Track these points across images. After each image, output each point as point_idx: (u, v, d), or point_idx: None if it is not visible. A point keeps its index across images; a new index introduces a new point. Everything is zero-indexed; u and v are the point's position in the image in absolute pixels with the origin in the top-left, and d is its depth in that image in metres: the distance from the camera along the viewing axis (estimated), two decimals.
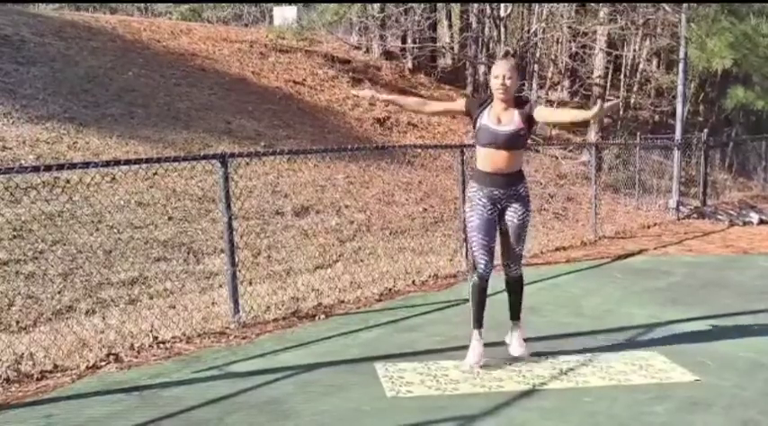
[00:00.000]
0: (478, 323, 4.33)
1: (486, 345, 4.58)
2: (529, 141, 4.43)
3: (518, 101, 4.21)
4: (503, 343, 4.71)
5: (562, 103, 18.95)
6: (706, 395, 3.90)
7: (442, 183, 11.42)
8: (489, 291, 4.37)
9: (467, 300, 4.49)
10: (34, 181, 7.46)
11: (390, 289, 6.39)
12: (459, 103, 4.48)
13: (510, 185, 4.23)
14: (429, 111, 4.78)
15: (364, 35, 18.30)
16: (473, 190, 4.31)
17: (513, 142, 4.15)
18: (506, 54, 4.33)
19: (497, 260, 4.40)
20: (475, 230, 4.26)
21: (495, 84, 4.14)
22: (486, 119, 4.18)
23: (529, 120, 4.15)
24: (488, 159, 4.21)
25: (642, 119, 19.23)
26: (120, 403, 3.82)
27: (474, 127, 4.28)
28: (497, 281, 4.50)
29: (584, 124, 18.26)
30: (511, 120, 4.13)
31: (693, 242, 9.25)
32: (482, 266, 4.25)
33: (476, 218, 4.26)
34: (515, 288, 4.51)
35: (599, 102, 3.95)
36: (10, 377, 4.18)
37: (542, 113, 4.23)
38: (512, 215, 4.29)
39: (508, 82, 4.11)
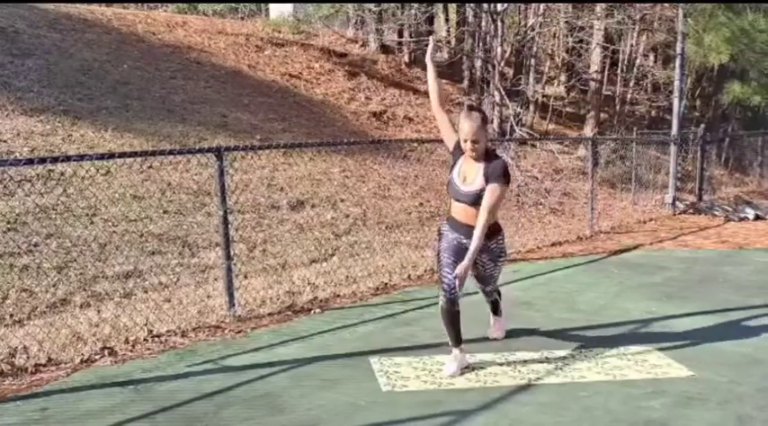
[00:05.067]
0: (456, 341, 4.21)
1: (478, 340, 4.59)
2: (525, 136, 4.37)
3: (489, 155, 4.07)
4: (496, 339, 4.73)
5: (558, 98, 18.95)
6: (702, 391, 3.90)
7: (438, 178, 11.40)
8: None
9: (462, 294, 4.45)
10: (28, 174, 7.43)
11: (386, 284, 6.38)
12: (451, 139, 4.28)
13: None
14: (436, 112, 4.51)
15: (361, 29, 18.25)
16: (445, 228, 4.26)
17: (477, 200, 4.03)
18: (470, 109, 4.14)
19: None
20: (442, 251, 4.19)
21: (465, 146, 4.06)
22: (456, 173, 4.15)
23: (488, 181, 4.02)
24: (456, 210, 4.17)
25: (639, 115, 19.24)
26: (115, 397, 3.80)
27: (450, 172, 4.25)
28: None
29: (581, 119, 18.28)
30: (474, 180, 4.05)
31: (689, 237, 9.25)
32: (446, 285, 4.07)
33: (444, 243, 4.21)
34: (490, 304, 4.73)
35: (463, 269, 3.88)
36: (4, 370, 4.17)
37: (485, 194, 3.97)
38: (479, 267, 4.23)
39: (477, 145, 4.00)
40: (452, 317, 4.15)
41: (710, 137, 15.08)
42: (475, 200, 4.04)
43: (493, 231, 4.13)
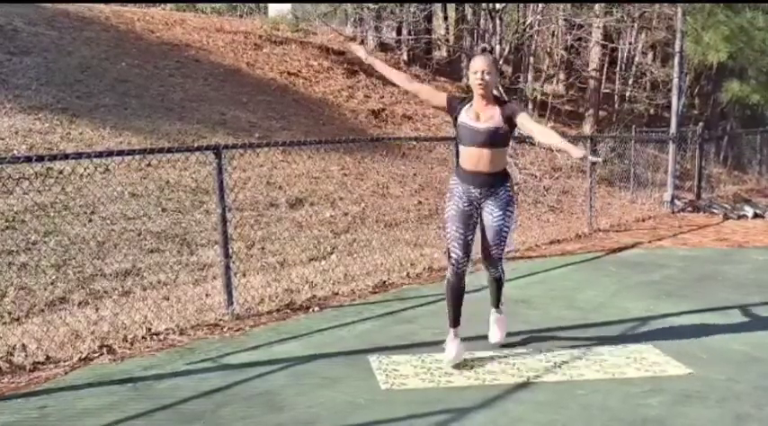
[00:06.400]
0: (454, 322, 4.26)
1: (477, 338, 4.59)
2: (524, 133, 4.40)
3: (498, 100, 4.13)
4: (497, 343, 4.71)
5: (557, 96, 18.95)
6: (700, 389, 3.91)
7: (436, 176, 11.40)
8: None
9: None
10: (27, 172, 7.41)
11: (385, 282, 6.37)
12: (441, 96, 4.31)
13: (489, 185, 4.11)
14: (411, 89, 4.47)
15: (359, 27, 18.23)
16: (453, 183, 4.25)
17: (494, 140, 4.04)
18: (483, 50, 4.21)
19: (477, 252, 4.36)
20: (450, 221, 4.17)
21: (473, 79, 4.05)
22: (465, 116, 4.10)
23: (509, 121, 4.04)
24: (468, 157, 4.12)
25: (637, 113, 19.23)
26: (113, 395, 3.80)
27: (454, 125, 4.20)
28: (485, 275, 4.49)
29: (580, 117, 18.27)
30: (491, 117, 4.04)
31: (688, 235, 9.26)
32: (454, 260, 4.15)
33: (452, 210, 4.18)
34: (494, 285, 4.48)
35: (587, 150, 3.91)
36: (2, 368, 4.17)
37: (524, 122, 4.01)
38: (487, 216, 4.17)
39: (487, 77, 4.01)
40: (456, 293, 4.21)
41: (709, 136, 15.08)
42: (492, 140, 4.03)
43: (500, 176, 4.16)
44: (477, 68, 4.04)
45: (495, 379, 4.04)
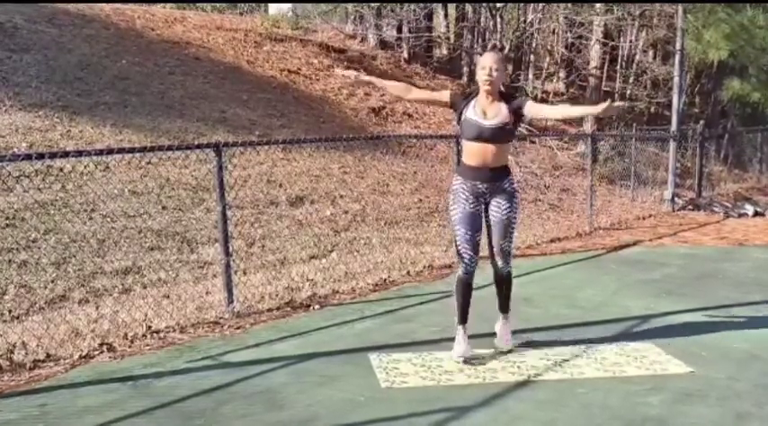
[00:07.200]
0: (463, 319, 4.28)
1: (479, 336, 4.58)
2: (524, 132, 4.40)
3: (504, 95, 4.16)
4: (495, 334, 4.72)
5: (558, 94, 18.94)
6: (701, 387, 3.90)
7: (437, 174, 11.40)
8: (482, 283, 4.35)
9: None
10: (27, 170, 7.41)
11: (385, 280, 6.37)
12: (444, 95, 4.35)
13: (495, 180, 4.16)
14: (412, 98, 4.55)
15: (360, 24, 18.22)
16: (457, 183, 4.25)
17: (500, 136, 4.08)
18: (494, 47, 4.26)
19: (484, 251, 4.35)
20: (458, 223, 4.20)
21: (481, 75, 4.08)
22: (472, 112, 4.12)
23: (516, 114, 4.09)
24: (474, 153, 4.15)
25: (638, 111, 19.22)
26: (113, 393, 3.80)
27: (458, 120, 4.21)
28: (490, 272, 4.47)
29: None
30: (497, 114, 4.07)
31: (689, 233, 9.25)
32: (466, 260, 4.18)
33: (459, 212, 4.19)
34: (503, 284, 4.45)
35: (609, 100, 3.85)
36: (2, 366, 4.16)
37: (533, 109, 4.11)
38: (495, 210, 4.21)
39: (495, 73, 4.03)
40: (466, 289, 4.25)
41: (710, 134, 15.08)
42: (498, 136, 4.07)
43: (504, 171, 4.20)
44: (486, 64, 4.06)
45: (496, 377, 4.04)
